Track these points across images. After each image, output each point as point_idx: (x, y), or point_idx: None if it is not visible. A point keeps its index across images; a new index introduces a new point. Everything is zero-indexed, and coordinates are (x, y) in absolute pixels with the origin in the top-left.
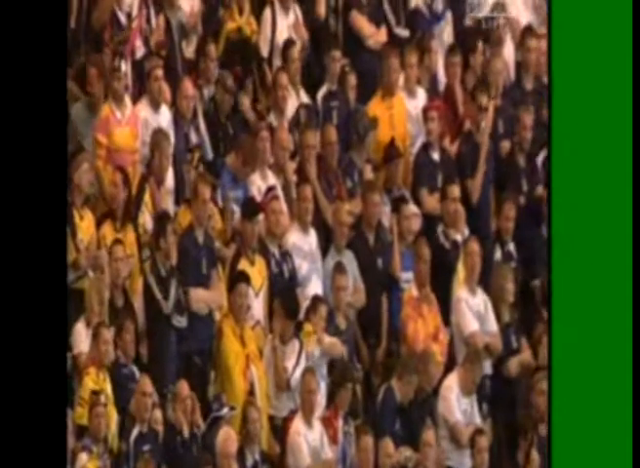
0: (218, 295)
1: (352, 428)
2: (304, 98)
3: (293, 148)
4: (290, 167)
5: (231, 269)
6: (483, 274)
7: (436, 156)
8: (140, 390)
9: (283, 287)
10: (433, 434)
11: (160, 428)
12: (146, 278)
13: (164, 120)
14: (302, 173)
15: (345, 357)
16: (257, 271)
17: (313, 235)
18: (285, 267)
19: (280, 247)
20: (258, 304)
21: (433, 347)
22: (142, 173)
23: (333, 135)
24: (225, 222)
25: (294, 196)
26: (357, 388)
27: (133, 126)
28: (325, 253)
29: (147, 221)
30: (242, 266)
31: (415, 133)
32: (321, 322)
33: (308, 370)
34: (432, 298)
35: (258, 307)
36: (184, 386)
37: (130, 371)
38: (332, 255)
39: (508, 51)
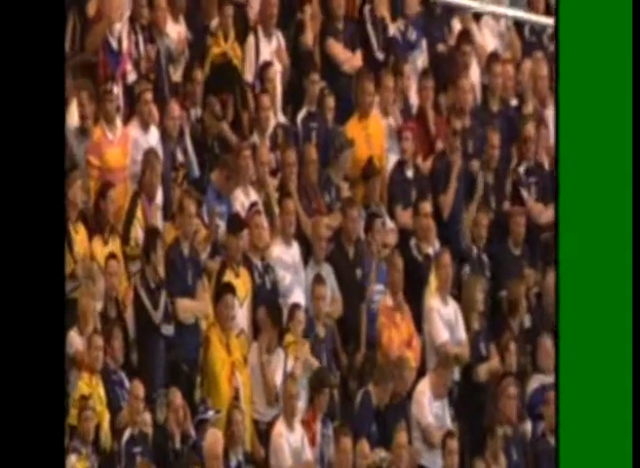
0: (203, 305)
1: (330, 431)
2: (282, 119)
3: (275, 166)
4: (271, 183)
5: (217, 281)
6: (454, 285)
7: (410, 174)
8: (133, 394)
9: (267, 297)
10: (407, 435)
11: (150, 431)
12: (137, 289)
13: (153, 139)
14: (284, 189)
15: (324, 364)
16: (241, 282)
17: (296, 247)
18: (268, 279)
19: (263, 259)
20: (242, 314)
21: (407, 354)
22: (134, 189)
23: (312, 153)
24: (211, 236)
25: (275, 211)
26: (335, 393)
27: (123, 145)
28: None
29: (139, 235)
30: (227, 278)
31: (390, 151)
32: (299, 327)
33: (290, 377)
34: (406, 308)
35: (242, 317)
36: (177, 394)
37: (119, 377)
38: (311, 267)
39: (475, 75)
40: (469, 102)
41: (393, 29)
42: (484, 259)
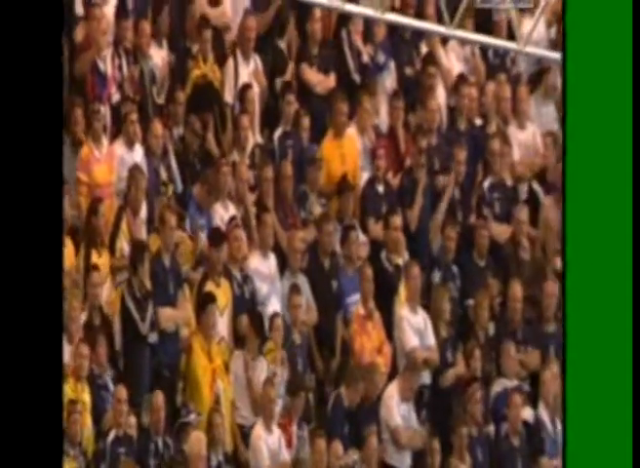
0: (184, 314)
1: (306, 433)
2: (259, 138)
3: (253, 182)
4: (250, 198)
5: (199, 290)
6: (423, 295)
7: (381, 189)
8: (117, 398)
9: (245, 306)
10: (376, 436)
11: (134, 432)
12: (124, 300)
13: (137, 157)
14: (261, 204)
15: (300, 369)
16: (222, 292)
17: (273, 259)
18: (246, 288)
19: (242, 270)
20: (222, 322)
21: (378, 359)
22: (120, 204)
23: (288, 170)
24: (193, 248)
25: (253, 224)
26: (310, 397)
27: (110, 163)
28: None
29: (124, 247)
30: (209, 288)
31: (363, 169)
32: (278, 333)
33: (268, 381)
34: (377, 316)
35: (223, 325)
36: (160, 398)
37: (104, 382)
38: (287, 278)
39: (441, 96)
40: (437, 122)
41: (365, 53)
42: (452, 270)
